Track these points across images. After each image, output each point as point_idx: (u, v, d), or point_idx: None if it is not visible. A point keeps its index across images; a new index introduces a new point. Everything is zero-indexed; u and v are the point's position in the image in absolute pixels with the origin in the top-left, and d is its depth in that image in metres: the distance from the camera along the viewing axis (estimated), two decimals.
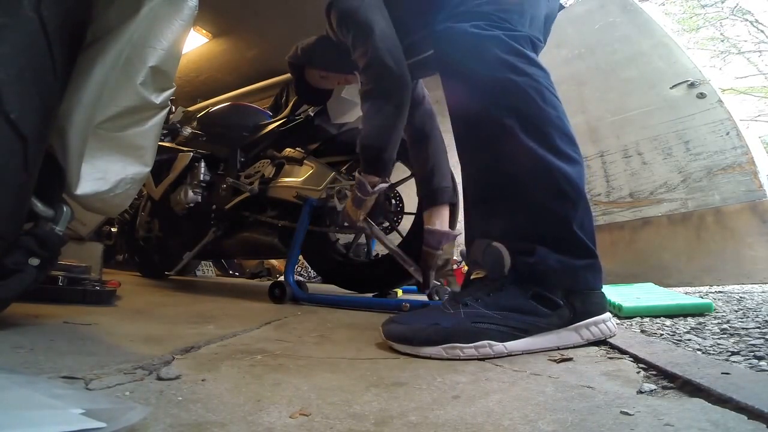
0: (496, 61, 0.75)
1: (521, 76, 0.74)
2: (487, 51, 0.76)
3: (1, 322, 0.72)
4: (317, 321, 1.02)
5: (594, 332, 0.68)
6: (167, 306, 1.22)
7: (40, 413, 0.31)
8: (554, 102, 0.76)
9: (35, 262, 0.66)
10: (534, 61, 0.78)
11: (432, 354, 0.64)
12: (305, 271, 3.36)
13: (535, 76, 0.75)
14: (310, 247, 1.59)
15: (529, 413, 0.41)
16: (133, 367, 0.53)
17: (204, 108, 2.38)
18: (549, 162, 0.70)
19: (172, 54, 0.69)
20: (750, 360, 0.56)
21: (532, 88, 0.74)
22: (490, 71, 0.75)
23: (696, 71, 2.17)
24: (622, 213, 2.24)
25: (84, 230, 0.98)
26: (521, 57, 0.76)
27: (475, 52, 0.77)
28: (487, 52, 0.76)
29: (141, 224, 2.26)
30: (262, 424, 0.38)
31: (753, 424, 0.35)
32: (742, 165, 1.98)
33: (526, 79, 0.74)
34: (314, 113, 1.61)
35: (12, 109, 0.54)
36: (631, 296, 1.18)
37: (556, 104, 0.76)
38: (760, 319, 0.87)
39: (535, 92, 0.74)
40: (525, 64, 0.76)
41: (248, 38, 3.96)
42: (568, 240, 0.70)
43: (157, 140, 0.76)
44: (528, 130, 0.72)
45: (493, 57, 0.75)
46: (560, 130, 0.74)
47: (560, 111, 0.76)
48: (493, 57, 0.75)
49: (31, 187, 0.63)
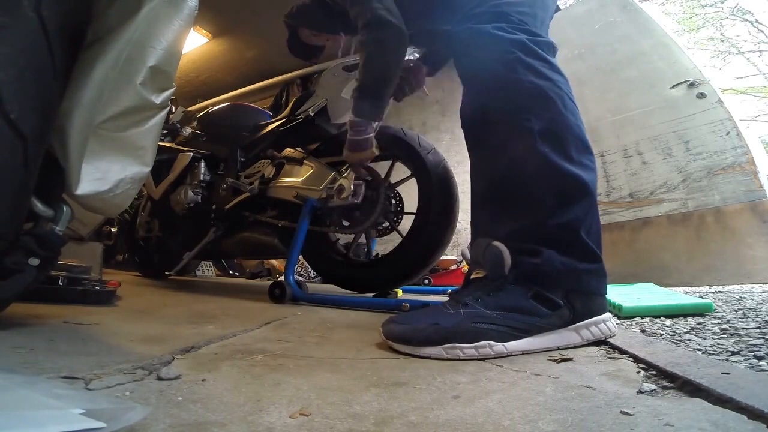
0: (520, 64, 0.76)
1: (544, 80, 0.75)
2: (511, 54, 0.76)
3: (1, 322, 0.72)
4: (317, 321, 1.01)
5: (594, 332, 0.68)
6: (167, 306, 1.22)
7: (40, 413, 0.31)
8: (573, 109, 0.76)
9: (35, 262, 0.66)
10: (555, 67, 0.78)
11: (432, 354, 0.64)
12: (305, 271, 3.36)
13: (557, 81, 0.76)
14: (310, 247, 1.59)
15: (529, 413, 0.41)
16: (133, 367, 0.53)
17: (204, 108, 2.37)
18: (561, 168, 0.71)
19: (172, 54, 0.69)
20: (750, 360, 0.56)
21: (555, 93, 0.75)
22: (513, 74, 0.76)
23: (696, 71, 2.17)
24: (622, 213, 2.24)
25: (84, 230, 0.98)
26: (544, 62, 0.77)
27: (498, 54, 0.77)
28: (511, 55, 0.76)
29: (141, 224, 2.26)
30: (262, 424, 0.38)
31: (753, 424, 0.35)
32: (742, 165, 1.98)
33: (549, 84, 0.75)
34: (314, 113, 1.61)
35: (12, 109, 0.54)
36: (631, 296, 1.19)
37: (575, 111, 0.76)
38: (760, 319, 0.87)
39: (558, 97, 0.75)
40: (548, 69, 0.77)
41: (248, 38, 3.96)
42: (574, 245, 0.70)
43: (157, 140, 0.76)
44: (545, 135, 0.72)
45: (517, 60, 0.76)
46: (577, 137, 0.74)
47: (578, 118, 0.76)
48: (517, 60, 0.76)
49: (31, 187, 0.63)
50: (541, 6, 0.85)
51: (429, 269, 1.65)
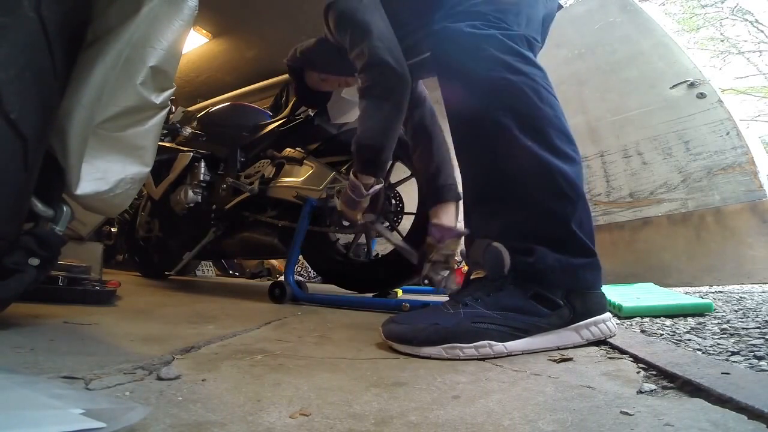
0: (492, 60, 0.75)
1: (517, 74, 0.74)
2: (483, 50, 0.76)
3: (1, 322, 0.72)
4: (317, 321, 1.01)
5: (594, 332, 0.68)
6: (167, 306, 1.22)
7: (40, 413, 0.31)
8: (551, 101, 0.75)
9: (35, 262, 0.66)
10: (530, 60, 0.77)
11: (432, 354, 0.64)
12: (305, 271, 3.36)
13: (531, 74, 0.75)
14: (310, 247, 1.59)
15: (529, 413, 0.41)
16: (133, 367, 0.53)
17: (204, 108, 2.38)
18: (547, 161, 0.70)
19: (172, 54, 0.69)
20: (750, 360, 0.56)
21: (529, 86, 0.74)
22: (486, 70, 0.75)
23: (696, 71, 2.17)
24: (622, 213, 2.24)
25: (84, 230, 0.98)
26: (517, 56, 0.76)
27: (471, 51, 0.77)
28: (483, 52, 0.76)
29: (141, 224, 2.26)
30: (262, 424, 0.38)
31: (753, 424, 0.35)
32: (742, 165, 1.98)
33: (522, 78, 0.74)
34: (314, 113, 1.61)
35: (12, 109, 0.54)
36: (631, 296, 1.19)
37: (554, 103, 0.76)
38: (760, 319, 0.87)
39: (532, 91, 0.74)
40: (521, 63, 0.76)
41: (248, 38, 3.96)
42: (566, 239, 0.70)
43: (157, 140, 0.76)
44: (525, 129, 0.72)
45: (489, 56, 0.75)
46: (558, 128, 0.74)
47: (557, 110, 0.75)
48: (489, 56, 0.75)
49: (31, 187, 0.63)
50: (527, 3, 0.84)
51: None
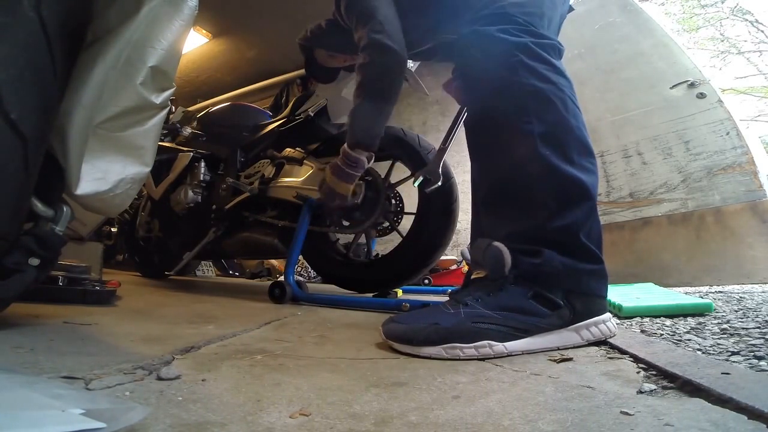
0: (522, 67, 0.76)
1: (546, 83, 0.75)
2: (514, 57, 0.76)
3: (1, 322, 0.72)
4: (317, 321, 1.01)
5: (594, 332, 0.68)
6: (167, 306, 1.22)
7: (40, 413, 0.31)
8: (575, 111, 0.76)
9: (35, 262, 0.66)
10: (559, 70, 0.78)
11: (432, 354, 0.64)
12: (305, 271, 3.36)
13: (560, 84, 0.76)
14: (310, 247, 1.59)
15: (529, 413, 0.41)
16: (133, 367, 0.53)
17: (204, 108, 2.38)
18: (562, 171, 0.71)
19: (172, 54, 0.69)
20: (750, 360, 0.56)
21: (556, 96, 0.75)
22: (515, 77, 0.76)
23: (696, 71, 2.17)
24: (622, 213, 2.24)
25: (84, 230, 0.98)
26: (547, 65, 0.77)
27: (502, 57, 0.77)
28: (514, 58, 0.76)
29: (141, 224, 2.25)
30: (262, 424, 0.38)
31: (753, 424, 0.35)
32: (742, 165, 1.98)
33: (551, 87, 0.75)
34: (314, 113, 1.61)
35: (12, 109, 0.54)
36: (631, 296, 1.18)
37: (577, 114, 0.76)
38: (760, 319, 0.87)
39: (559, 100, 0.75)
40: (551, 72, 0.77)
41: (248, 38, 3.96)
42: (574, 247, 0.70)
43: (157, 140, 0.76)
44: (547, 138, 0.72)
45: (519, 63, 0.76)
46: (578, 140, 0.74)
47: (580, 121, 0.76)
48: (519, 63, 0.76)
49: (31, 187, 0.63)
50: (549, 5, 0.85)
51: (429, 269, 1.65)
